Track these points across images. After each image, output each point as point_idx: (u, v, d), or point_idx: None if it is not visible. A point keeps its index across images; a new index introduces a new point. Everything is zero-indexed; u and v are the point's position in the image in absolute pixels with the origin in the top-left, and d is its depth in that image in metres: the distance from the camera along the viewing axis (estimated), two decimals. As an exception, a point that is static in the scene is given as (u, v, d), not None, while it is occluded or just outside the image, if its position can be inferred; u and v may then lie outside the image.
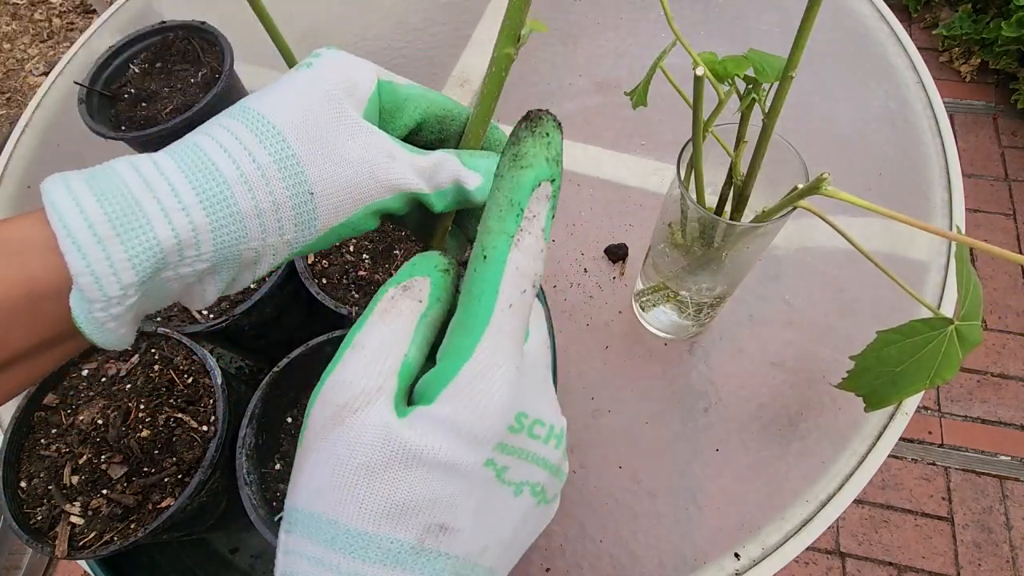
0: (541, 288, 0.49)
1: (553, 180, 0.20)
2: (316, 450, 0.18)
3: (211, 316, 0.46)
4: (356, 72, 0.23)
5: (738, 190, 0.40)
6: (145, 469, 0.40)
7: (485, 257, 0.19)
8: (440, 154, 0.24)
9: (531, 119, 0.21)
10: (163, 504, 0.38)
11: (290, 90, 0.22)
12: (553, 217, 0.20)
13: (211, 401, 0.42)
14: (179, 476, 0.39)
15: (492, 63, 0.24)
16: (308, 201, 0.21)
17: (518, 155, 0.20)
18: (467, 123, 0.26)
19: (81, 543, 0.37)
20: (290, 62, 0.31)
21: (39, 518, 0.38)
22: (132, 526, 0.38)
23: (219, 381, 0.41)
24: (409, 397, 0.20)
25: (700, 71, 0.33)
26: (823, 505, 0.50)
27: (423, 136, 0.26)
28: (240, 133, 0.21)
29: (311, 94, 0.22)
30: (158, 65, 0.60)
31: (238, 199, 0.20)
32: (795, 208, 0.34)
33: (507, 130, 0.24)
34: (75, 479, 0.39)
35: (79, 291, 0.18)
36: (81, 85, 0.56)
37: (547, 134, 0.20)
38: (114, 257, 0.18)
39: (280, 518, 0.28)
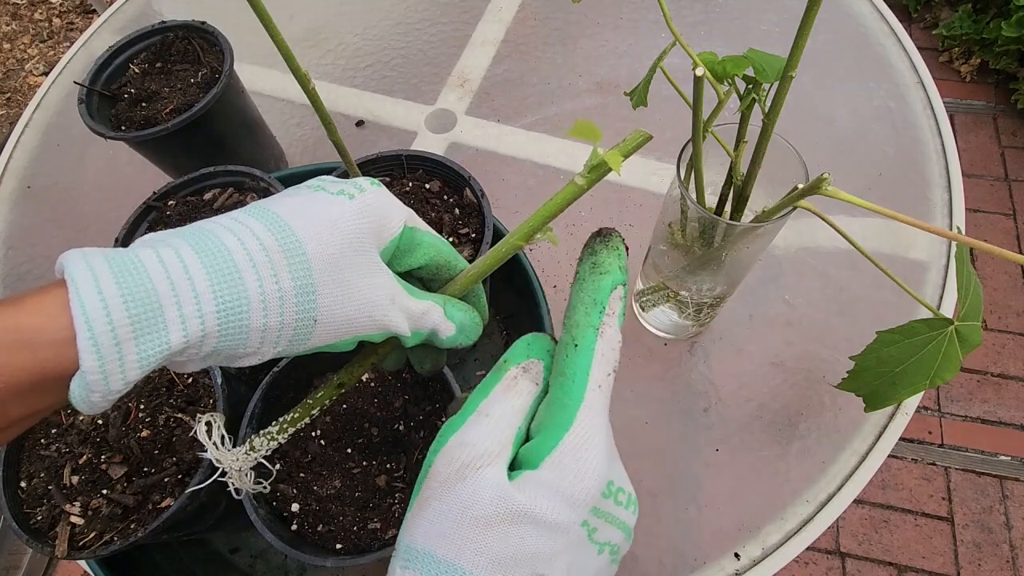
0: (541, 289, 0.49)
1: (624, 284, 0.24)
2: (439, 498, 0.21)
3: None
4: (390, 216, 0.26)
5: (738, 190, 0.40)
6: (145, 469, 0.40)
7: (576, 346, 0.23)
8: (429, 304, 0.27)
9: (603, 235, 0.25)
10: (163, 504, 0.38)
11: (326, 216, 0.24)
12: (624, 314, 0.24)
13: (211, 401, 0.42)
14: (179, 476, 0.39)
15: (501, 245, 0.27)
16: (310, 327, 0.23)
17: (596, 264, 0.24)
18: (458, 274, 0.30)
19: (81, 543, 0.37)
20: (290, 62, 0.31)
21: (39, 518, 0.38)
22: (132, 526, 0.38)
23: (219, 381, 0.41)
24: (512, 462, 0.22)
25: (700, 71, 0.33)
26: (823, 505, 0.50)
27: (421, 273, 0.29)
28: (272, 251, 0.22)
29: (345, 229, 0.24)
30: (158, 65, 0.60)
31: (252, 316, 0.22)
32: (795, 208, 0.34)
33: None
34: (75, 479, 0.39)
35: (84, 382, 0.19)
36: (81, 85, 0.56)
37: (617, 247, 0.24)
38: (126, 359, 0.19)
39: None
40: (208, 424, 0.26)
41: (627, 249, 0.25)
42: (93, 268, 0.19)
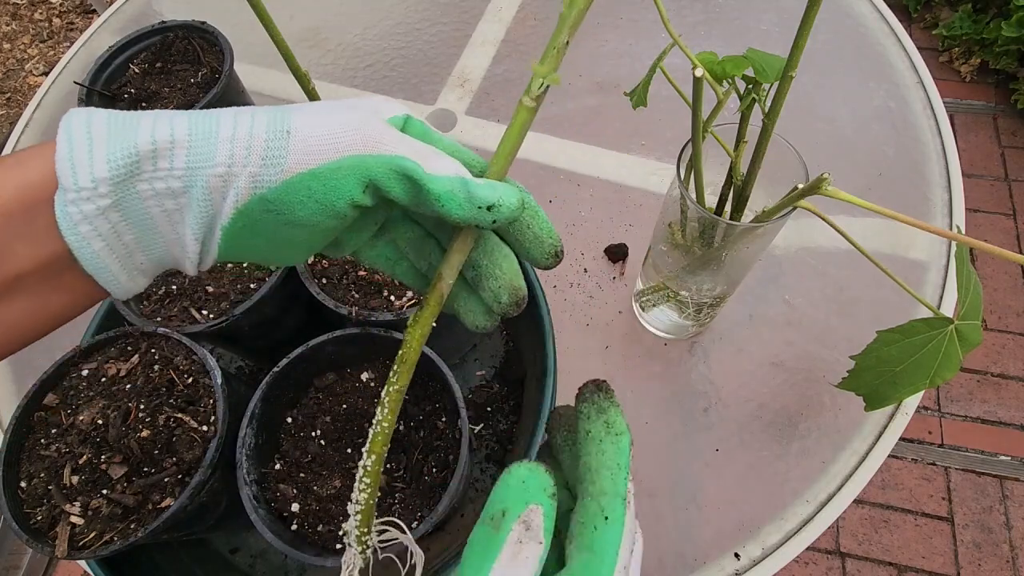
0: (541, 288, 0.49)
1: (631, 443, 0.23)
2: None
3: (211, 316, 0.46)
4: (390, 103, 0.25)
5: (738, 190, 0.40)
6: (145, 469, 0.40)
7: (607, 519, 0.21)
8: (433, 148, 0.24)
9: (604, 389, 0.23)
10: (163, 504, 0.38)
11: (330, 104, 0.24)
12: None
13: (211, 401, 0.42)
14: (179, 476, 0.39)
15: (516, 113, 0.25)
16: (282, 137, 0.21)
17: (610, 424, 0.22)
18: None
19: (81, 543, 0.37)
20: (290, 62, 0.31)
21: (39, 518, 0.38)
22: (132, 526, 0.38)
23: (219, 381, 0.41)
24: None
25: (699, 72, 0.33)
26: (823, 505, 0.50)
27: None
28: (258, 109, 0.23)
29: (337, 102, 0.24)
30: (158, 65, 0.60)
31: (221, 127, 0.21)
32: (795, 208, 0.34)
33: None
34: (75, 479, 0.39)
35: (60, 188, 0.20)
36: (81, 85, 0.56)
37: (618, 404, 0.23)
38: (95, 153, 0.20)
39: None
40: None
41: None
42: (90, 110, 0.21)
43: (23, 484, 0.39)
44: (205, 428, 0.41)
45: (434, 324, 0.25)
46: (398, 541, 0.26)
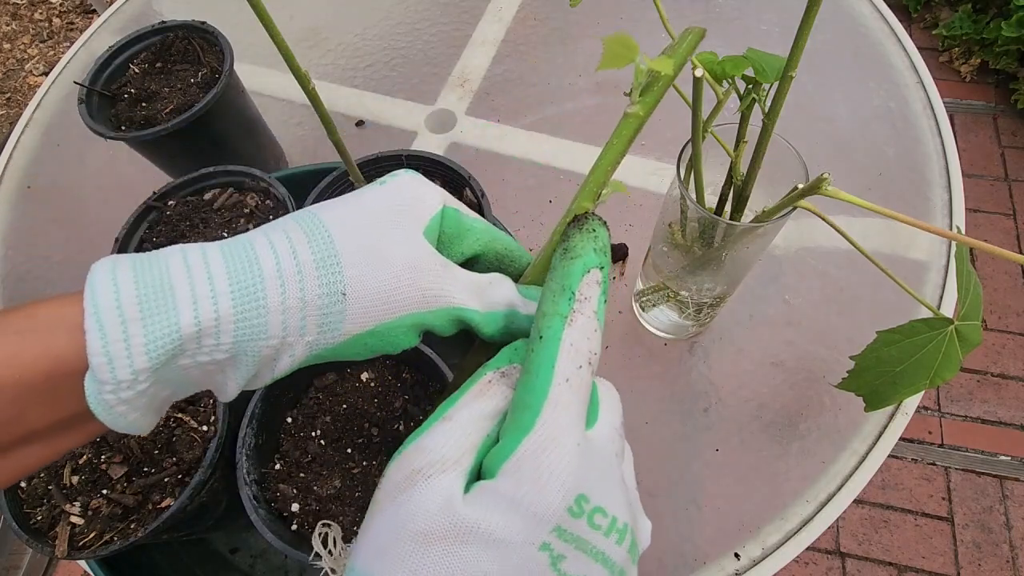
0: (541, 288, 0.49)
1: (602, 268, 0.21)
2: (383, 510, 0.18)
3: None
4: (425, 193, 0.24)
5: (738, 190, 0.40)
6: (145, 469, 0.40)
7: (541, 337, 0.20)
8: (496, 275, 0.24)
9: (578, 219, 0.23)
10: (163, 504, 0.38)
11: (356, 200, 0.23)
12: (606, 301, 0.21)
13: (211, 401, 0.42)
14: (179, 476, 0.39)
15: (568, 214, 0.24)
16: (338, 302, 0.20)
17: (568, 248, 0.22)
18: (527, 266, 0.26)
19: (81, 543, 0.37)
20: (290, 62, 0.31)
21: (39, 518, 0.38)
22: (132, 526, 0.38)
23: (219, 381, 0.41)
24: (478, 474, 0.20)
25: (699, 72, 0.33)
26: (823, 505, 0.50)
27: (479, 270, 0.26)
28: (293, 233, 0.21)
29: (374, 207, 0.23)
30: (158, 65, 0.60)
31: (268, 292, 0.20)
32: (795, 208, 0.34)
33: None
34: (75, 479, 0.39)
35: (92, 371, 0.18)
36: (81, 85, 0.56)
37: (593, 230, 0.22)
38: (132, 340, 0.18)
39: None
40: (325, 533, 0.25)
41: (608, 231, 0.23)
42: (115, 260, 0.19)
43: (23, 484, 0.39)
44: (205, 428, 0.41)
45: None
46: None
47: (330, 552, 0.26)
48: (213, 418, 0.41)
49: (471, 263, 0.26)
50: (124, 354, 0.18)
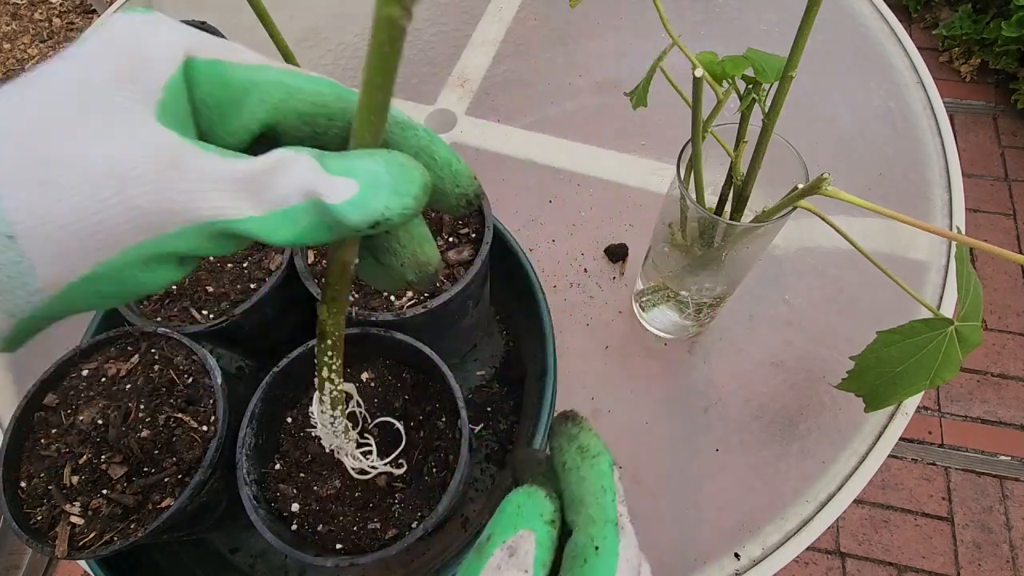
0: (541, 289, 0.49)
1: (614, 463, 0.21)
2: None
3: (211, 316, 0.46)
4: (150, 45, 0.16)
5: (738, 190, 0.40)
6: (145, 469, 0.40)
7: (597, 548, 0.18)
8: (280, 153, 0.16)
9: (572, 418, 0.22)
10: (163, 504, 0.38)
11: (34, 81, 0.15)
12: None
13: (211, 401, 0.42)
14: (179, 476, 0.39)
15: (373, 29, 0.15)
16: (7, 248, 0.14)
17: (584, 447, 0.20)
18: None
19: (81, 543, 0.37)
20: (290, 62, 0.31)
21: (39, 518, 0.38)
22: (132, 526, 0.38)
23: (219, 381, 0.41)
24: None
25: (699, 73, 0.33)
26: (823, 505, 0.50)
27: (286, 140, 0.18)
28: None
29: (63, 84, 0.15)
30: (158, 65, 0.60)
31: None
32: (795, 208, 0.34)
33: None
34: (75, 479, 0.39)
35: None
36: (81, 85, 0.56)
37: (591, 427, 0.21)
38: None
39: None
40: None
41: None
42: None
43: (23, 484, 0.39)
44: (205, 428, 0.41)
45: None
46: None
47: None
48: (213, 418, 0.41)
49: (264, 139, 0.18)
50: None
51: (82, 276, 0.15)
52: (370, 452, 0.35)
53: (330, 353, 0.25)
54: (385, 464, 0.35)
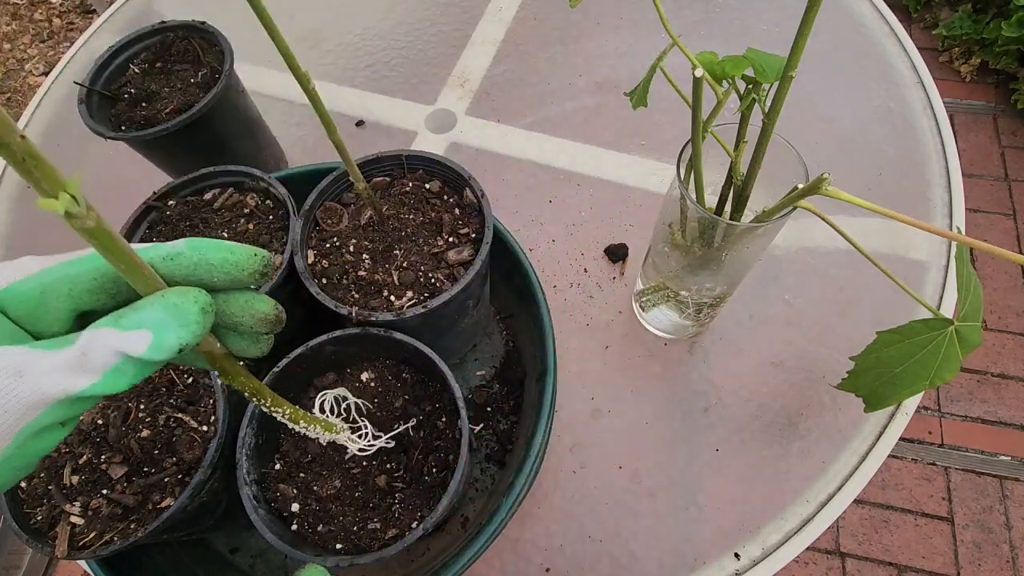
0: (541, 289, 0.49)
1: None
2: None
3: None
4: None
5: (738, 190, 0.40)
6: (145, 469, 0.40)
7: None
8: (86, 334, 0.19)
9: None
10: (163, 504, 0.38)
11: None
12: None
13: (211, 401, 0.42)
14: (179, 476, 0.39)
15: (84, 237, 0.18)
16: None
17: None
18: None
19: (81, 543, 0.37)
20: (290, 62, 0.31)
21: (39, 518, 0.38)
22: (132, 526, 0.38)
23: (219, 382, 0.41)
24: None
25: (699, 73, 0.33)
26: (823, 505, 0.50)
27: (102, 314, 0.21)
28: None
29: None
30: (158, 65, 0.60)
31: None
32: (795, 208, 0.34)
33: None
34: (75, 479, 0.39)
35: None
36: (81, 85, 0.56)
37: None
38: None
39: None
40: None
41: None
42: None
43: (23, 484, 0.39)
44: (205, 428, 0.41)
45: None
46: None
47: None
48: (213, 418, 0.41)
49: (85, 316, 0.21)
50: None
51: (3, 457, 0.19)
52: (365, 434, 0.37)
53: (256, 399, 0.28)
54: (378, 440, 0.37)
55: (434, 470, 0.40)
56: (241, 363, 0.26)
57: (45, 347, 0.19)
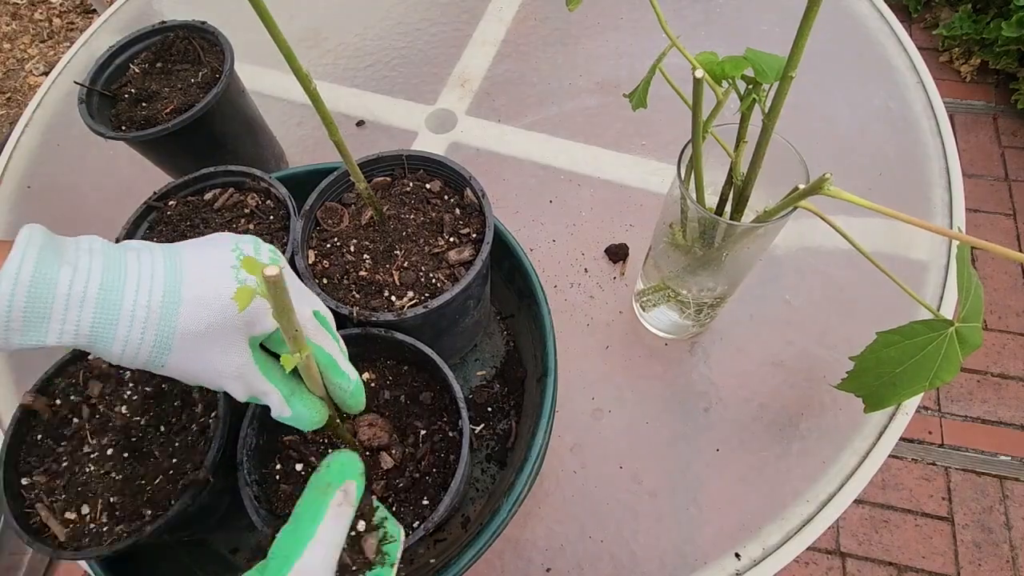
0: (542, 289, 0.49)
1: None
2: None
3: (211, 316, 0.46)
4: (265, 320, 0.31)
5: (738, 190, 0.40)
6: (146, 470, 0.40)
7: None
8: (272, 387, 0.32)
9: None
10: (165, 505, 0.38)
11: (213, 288, 0.30)
12: None
13: (212, 401, 0.42)
14: (181, 477, 0.39)
15: None
16: (162, 358, 0.29)
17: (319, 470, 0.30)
18: (332, 382, 0.34)
19: (81, 543, 0.37)
20: (291, 62, 0.31)
21: (39, 517, 0.38)
22: (132, 526, 0.38)
23: (219, 381, 0.41)
24: None
25: (699, 74, 0.33)
26: (823, 505, 0.50)
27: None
28: (153, 308, 0.28)
29: (219, 307, 0.30)
30: (158, 65, 0.60)
31: (115, 345, 0.28)
32: (795, 208, 0.34)
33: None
34: (77, 479, 0.39)
35: None
36: (81, 85, 0.56)
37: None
38: (11, 340, 0.26)
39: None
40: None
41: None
42: (25, 251, 0.26)
43: (23, 483, 0.39)
44: (206, 429, 0.41)
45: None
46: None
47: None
48: (214, 418, 0.41)
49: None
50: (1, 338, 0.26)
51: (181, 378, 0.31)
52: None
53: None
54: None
55: (434, 470, 0.40)
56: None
57: (265, 372, 0.32)
